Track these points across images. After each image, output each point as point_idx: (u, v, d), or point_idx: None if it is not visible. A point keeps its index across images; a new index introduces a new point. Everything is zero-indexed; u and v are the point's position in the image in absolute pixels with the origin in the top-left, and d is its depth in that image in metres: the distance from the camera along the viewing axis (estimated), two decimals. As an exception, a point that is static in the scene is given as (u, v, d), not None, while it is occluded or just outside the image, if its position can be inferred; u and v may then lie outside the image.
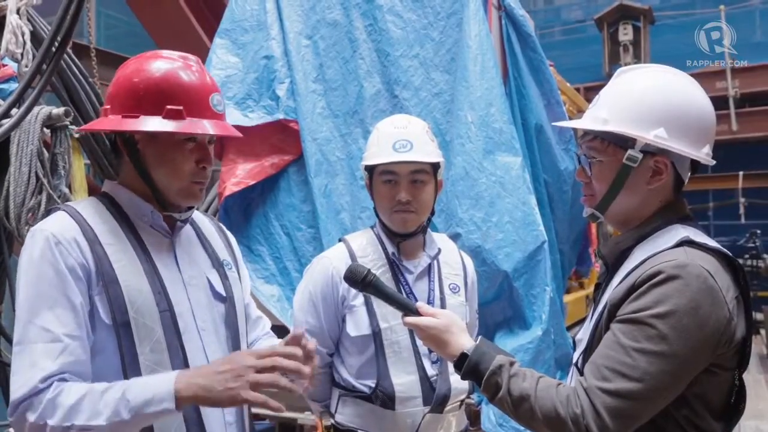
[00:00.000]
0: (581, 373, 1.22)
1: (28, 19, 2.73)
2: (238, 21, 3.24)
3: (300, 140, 3.05)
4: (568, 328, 3.24)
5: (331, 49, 3.13)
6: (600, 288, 1.33)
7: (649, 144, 1.21)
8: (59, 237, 1.20)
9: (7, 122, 2.00)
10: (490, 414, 2.55)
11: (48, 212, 1.32)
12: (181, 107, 1.26)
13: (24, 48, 2.70)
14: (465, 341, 1.30)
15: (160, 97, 1.26)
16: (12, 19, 2.68)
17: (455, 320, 1.34)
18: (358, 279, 1.39)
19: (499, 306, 2.73)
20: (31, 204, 2.36)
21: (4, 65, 2.57)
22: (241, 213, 3.08)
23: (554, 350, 2.76)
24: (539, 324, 2.65)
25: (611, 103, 1.25)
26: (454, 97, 2.91)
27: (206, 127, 1.28)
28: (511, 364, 1.23)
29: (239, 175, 3.09)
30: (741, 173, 9.23)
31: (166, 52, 1.34)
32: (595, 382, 1.13)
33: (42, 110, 2.39)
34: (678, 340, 1.09)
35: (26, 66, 2.69)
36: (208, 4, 4.28)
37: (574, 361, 1.30)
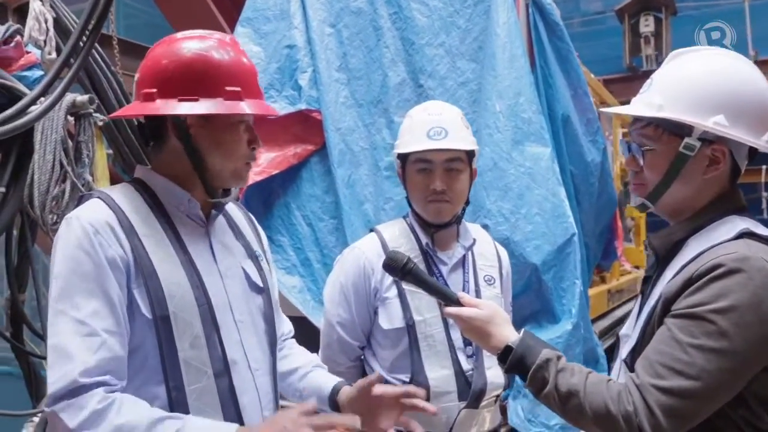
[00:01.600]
0: (630, 369, 1.17)
1: (51, 6, 2.71)
2: (260, 10, 3.19)
3: (323, 130, 3.01)
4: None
5: (355, 37, 3.08)
6: (649, 281, 1.27)
7: (707, 132, 1.15)
8: (97, 226, 1.16)
9: (34, 111, 1.96)
10: (518, 409, 2.50)
11: (80, 199, 1.27)
12: (239, 88, 1.22)
13: (47, 35, 2.67)
14: (509, 333, 1.25)
15: (217, 78, 1.22)
16: (35, 5, 2.65)
17: (499, 311, 1.29)
18: (398, 266, 1.34)
19: (527, 299, 2.67)
20: (55, 192, 2.33)
21: (27, 52, 2.54)
22: (262, 203, 3.05)
23: (582, 345, 2.71)
24: (569, 318, 2.60)
25: (666, 88, 1.19)
26: (482, 87, 2.85)
27: (270, 107, 1.26)
28: (558, 358, 1.19)
29: (261, 164, 3.05)
30: (764, 167, 9.07)
31: (205, 32, 1.30)
32: (649, 379, 1.08)
33: (66, 98, 2.36)
34: (738, 337, 1.04)
35: (49, 53, 2.66)
36: (228, -7, 4.24)
37: (622, 357, 1.25)
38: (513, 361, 1.21)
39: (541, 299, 2.66)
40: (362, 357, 1.76)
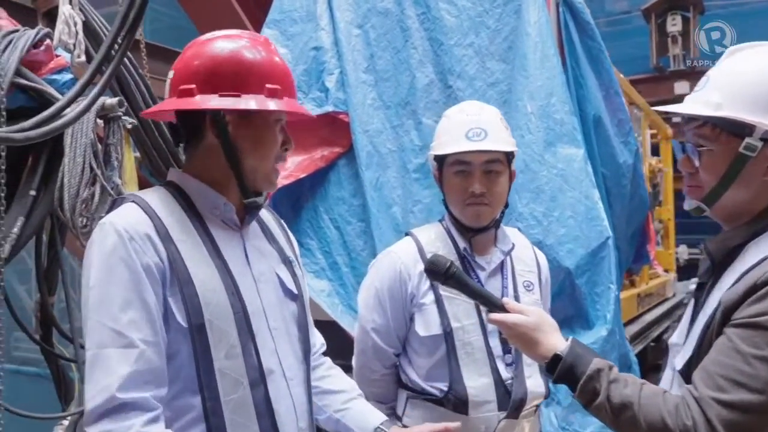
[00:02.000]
0: (686, 381, 1.11)
1: (80, 9, 2.71)
2: (287, 11, 3.17)
3: (350, 132, 2.98)
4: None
5: (383, 38, 3.04)
6: (704, 288, 1.21)
7: None
8: (132, 232, 1.13)
9: (67, 114, 1.94)
10: (551, 416, 2.45)
11: (113, 202, 1.25)
12: (279, 86, 1.21)
13: (76, 38, 2.67)
14: (557, 341, 1.20)
15: (260, 75, 1.21)
16: (64, 9, 2.65)
17: (546, 318, 1.24)
18: (441, 270, 1.30)
19: (560, 304, 2.61)
20: (85, 195, 2.33)
21: (57, 56, 2.54)
22: (291, 206, 3.02)
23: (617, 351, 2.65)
24: (603, 323, 2.54)
25: (725, 86, 1.13)
26: (512, 87, 2.81)
27: (308, 107, 1.22)
28: (610, 368, 1.14)
29: (289, 168, 3.02)
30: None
31: (239, 32, 1.28)
32: (709, 392, 1.03)
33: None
34: None
35: (78, 56, 2.66)
36: (253, -5, 4.23)
37: (675, 367, 1.19)
38: (562, 370, 1.16)
39: (575, 304, 2.60)
40: (397, 364, 1.72)
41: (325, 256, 2.99)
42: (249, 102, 1.19)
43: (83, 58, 2.71)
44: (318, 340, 1.49)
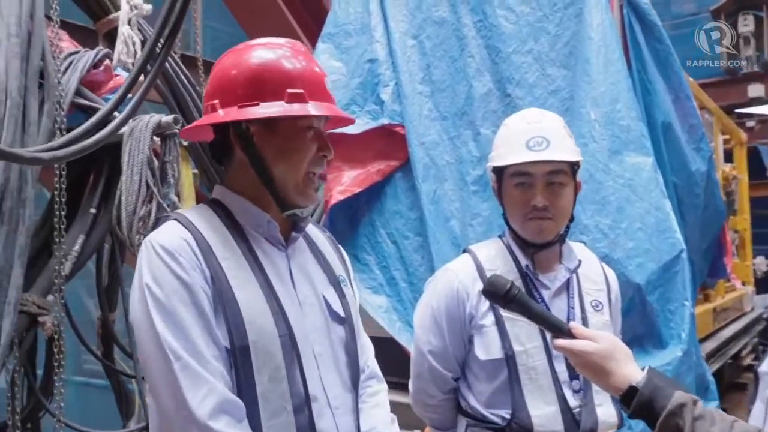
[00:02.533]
0: None
1: (139, 29, 2.75)
2: (341, 25, 3.15)
3: (406, 145, 2.92)
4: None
5: (438, 48, 2.98)
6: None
7: None
8: (177, 248, 1.10)
9: (97, 134, 1.92)
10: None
11: (157, 221, 1.23)
12: (302, 90, 1.15)
13: (135, 57, 2.71)
14: (632, 371, 1.09)
15: (279, 81, 1.15)
16: (123, 29, 2.70)
17: (619, 345, 1.13)
18: (501, 292, 1.20)
19: (630, 322, 2.45)
20: (142, 213, 2.34)
21: (116, 75, 2.58)
22: (347, 221, 2.97)
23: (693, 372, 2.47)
24: (678, 343, 2.37)
25: None
26: (574, 94, 2.69)
27: (337, 109, 1.16)
28: (694, 402, 1.02)
29: (345, 182, 2.98)
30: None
31: (271, 40, 1.23)
32: None
33: (152, 118, 2.38)
34: None
35: (137, 75, 2.69)
36: (308, 10, 4.24)
37: None
38: (639, 405, 1.05)
39: (646, 322, 2.44)
40: (457, 389, 1.62)
41: (382, 271, 2.92)
42: (267, 110, 1.14)
43: (141, 77, 2.74)
44: (365, 362, 1.38)
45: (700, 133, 3.16)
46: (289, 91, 1.14)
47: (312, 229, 1.34)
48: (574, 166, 1.56)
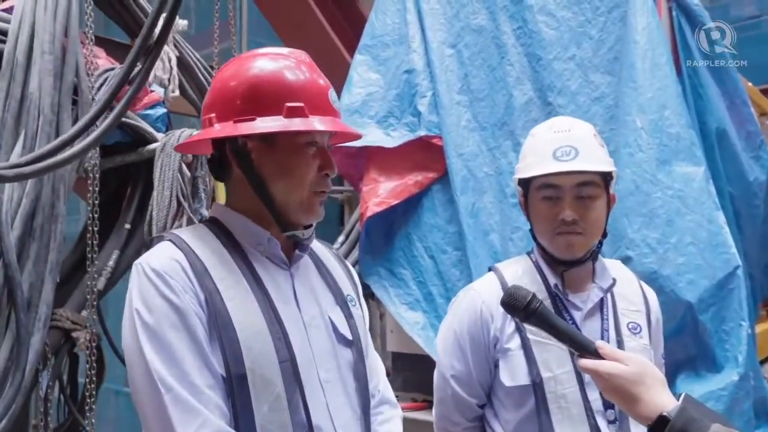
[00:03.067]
0: None
1: (175, 45, 2.78)
2: (379, 36, 3.10)
3: (444, 156, 2.84)
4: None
5: (477, 56, 2.90)
6: None
7: None
8: (168, 270, 1.05)
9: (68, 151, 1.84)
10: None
11: (151, 242, 1.18)
12: (301, 104, 1.08)
13: (171, 74, 2.73)
14: (664, 399, 0.98)
15: (278, 94, 1.10)
16: (159, 46, 2.72)
17: (649, 368, 1.03)
18: (520, 305, 1.10)
19: (681, 343, 2.30)
20: (173, 228, 2.34)
21: (150, 91, 2.60)
22: (383, 235, 2.91)
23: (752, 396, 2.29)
24: (734, 366, 2.20)
25: None
26: (619, 101, 2.56)
27: (340, 123, 1.11)
28: None
29: (381, 194, 2.92)
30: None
31: (272, 49, 1.18)
32: None
33: (183, 133, 2.38)
34: None
35: (173, 91, 2.71)
36: (349, 22, 4.22)
37: None
38: None
39: (698, 343, 2.28)
40: (482, 417, 1.52)
41: (419, 286, 2.84)
42: (263, 125, 1.08)
43: (177, 92, 2.75)
44: (375, 386, 1.30)
45: (758, 140, 2.95)
46: (288, 104, 1.09)
47: (318, 247, 1.28)
48: (606, 177, 1.45)
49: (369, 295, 3.07)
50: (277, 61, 1.13)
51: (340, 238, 3.64)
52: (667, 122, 2.41)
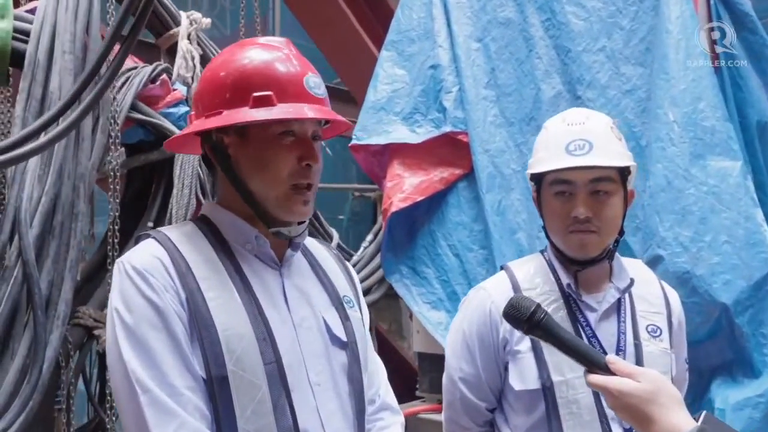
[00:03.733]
0: None
1: (198, 44, 2.78)
2: (404, 31, 3.05)
3: (470, 153, 2.77)
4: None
5: (504, 50, 2.83)
6: None
7: None
8: (149, 268, 1.02)
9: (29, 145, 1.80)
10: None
11: (137, 239, 1.16)
12: (270, 93, 1.04)
13: (194, 72, 2.73)
14: (680, 420, 0.91)
15: (242, 85, 1.06)
16: (183, 44, 2.72)
17: (665, 386, 0.95)
18: (523, 316, 1.04)
19: (716, 347, 2.19)
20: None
21: (174, 89, 2.60)
22: (406, 232, 2.86)
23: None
24: (773, 372, 2.08)
25: None
26: (651, 93, 2.46)
27: (298, 111, 1.04)
28: None
29: (406, 190, 2.87)
30: None
31: (250, 40, 1.15)
32: None
33: (203, 131, 2.37)
34: None
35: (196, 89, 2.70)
36: (379, 20, 4.18)
37: None
38: None
39: (734, 347, 2.16)
40: (492, 422, 1.46)
41: (443, 285, 2.78)
42: (226, 118, 1.05)
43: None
44: (375, 392, 1.25)
45: (803, 133, 2.80)
46: (255, 95, 1.05)
47: (316, 246, 1.24)
48: (623, 173, 1.37)
49: (394, 294, 3.03)
50: (250, 50, 1.10)
51: (369, 237, 3.60)
52: (702, 115, 2.30)
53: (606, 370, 0.99)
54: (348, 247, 3.59)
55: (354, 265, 3.29)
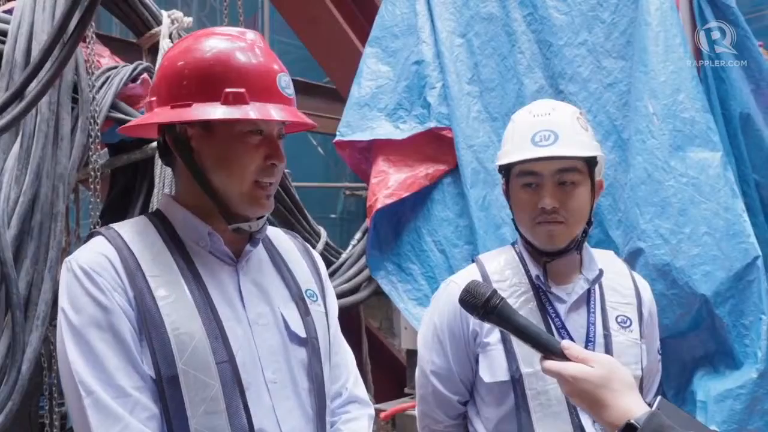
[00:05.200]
0: None
1: (180, 43, 2.78)
2: (388, 27, 3.05)
3: (455, 149, 2.78)
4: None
5: (487, 45, 2.83)
6: None
7: None
8: (96, 267, 1.01)
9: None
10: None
11: (88, 237, 1.15)
12: (243, 90, 1.03)
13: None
14: (632, 404, 0.91)
15: (215, 79, 1.04)
16: (164, 43, 2.72)
17: (618, 370, 0.96)
18: (478, 302, 1.03)
19: (698, 338, 2.19)
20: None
21: (155, 89, 2.60)
22: (392, 228, 2.86)
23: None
24: (754, 363, 2.07)
25: None
26: (632, 86, 2.46)
27: (273, 113, 1.03)
28: None
29: (391, 186, 2.87)
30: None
31: (220, 29, 1.13)
32: None
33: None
34: None
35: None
36: (365, 17, 4.17)
37: None
38: None
39: (716, 339, 2.16)
40: (465, 414, 1.46)
41: (428, 281, 2.78)
42: (197, 112, 1.03)
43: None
44: (342, 384, 1.24)
45: (786, 125, 2.80)
46: (227, 90, 1.03)
47: (281, 238, 1.23)
48: (590, 163, 1.37)
49: (380, 291, 3.03)
50: (224, 42, 1.08)
51: (357, 235, 3.60)
52: (681, 106, 2.30)
53: (561, 355, 1.00)
54: (340, 246, 3.59)
55: (343, 263, 3.29)
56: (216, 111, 1.03)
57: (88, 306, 1.00)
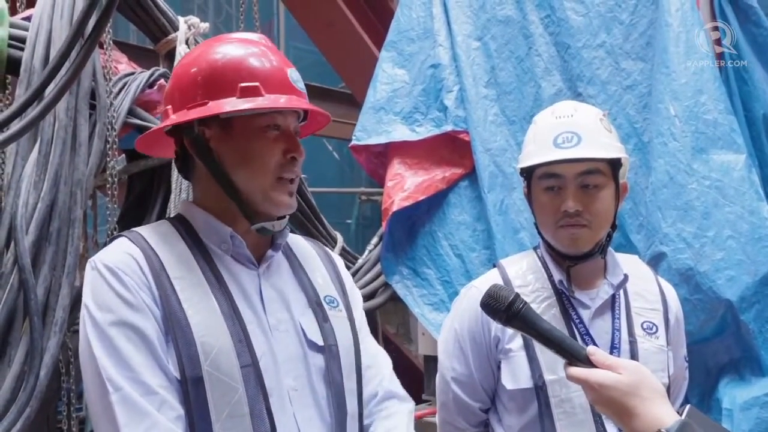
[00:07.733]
0: None
1: (196, 48, 2.78)
2: (404, 31, 3.04)
3: (471, 152, 2.75)
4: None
5: (504, 48, 2.81)
6: None
7: None
8: (122, 267, 1.01)
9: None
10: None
11: (111, 239, 1.14)
12: (257, 83, 1.04)
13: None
14: (663, 413, 0.88)
15: (230, 76, 1.05)
16: (180, 49, 2.72)
17: (647, 377, 0.92)
18: (501, 306, 1.00)
19: (723, 344, 2.15)
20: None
21: (171, 95, 2.60)
22: (406, 232, 2.83)
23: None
24: (781, 370, 2.03)
25: None
26: (652, 88, 2.42)
27: (288, 101, 1.04)
28: None
29: (408, 189, 2.85)
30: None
31: (229, 35, 1.13)
32: None
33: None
34: None
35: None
36: (380, 21, 4.17)
37: None
38: None
39: (742, 345, 2.11)
40: (487, 422, 1.44)
41: (444, 286, 2.76)
42: (215, 107, 1.03)
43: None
44: (377, 384, 1.21)
45: (811, 126, 2.75)
46: (242, 85, 1.03)
47: (302, 244, 1.22)
48: (614, 165, 1.34)
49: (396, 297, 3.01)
50: (234, 44, 1.10)
51: (374, 240, 3.58)
52: (704, 108, 2.26)
53: (587, 362, 0.97)
54: (356, 251, 3.57)
55: (359, 269, 3.27)
56: (233, 103, 1.04)
57: (114, 303, 0.99)
